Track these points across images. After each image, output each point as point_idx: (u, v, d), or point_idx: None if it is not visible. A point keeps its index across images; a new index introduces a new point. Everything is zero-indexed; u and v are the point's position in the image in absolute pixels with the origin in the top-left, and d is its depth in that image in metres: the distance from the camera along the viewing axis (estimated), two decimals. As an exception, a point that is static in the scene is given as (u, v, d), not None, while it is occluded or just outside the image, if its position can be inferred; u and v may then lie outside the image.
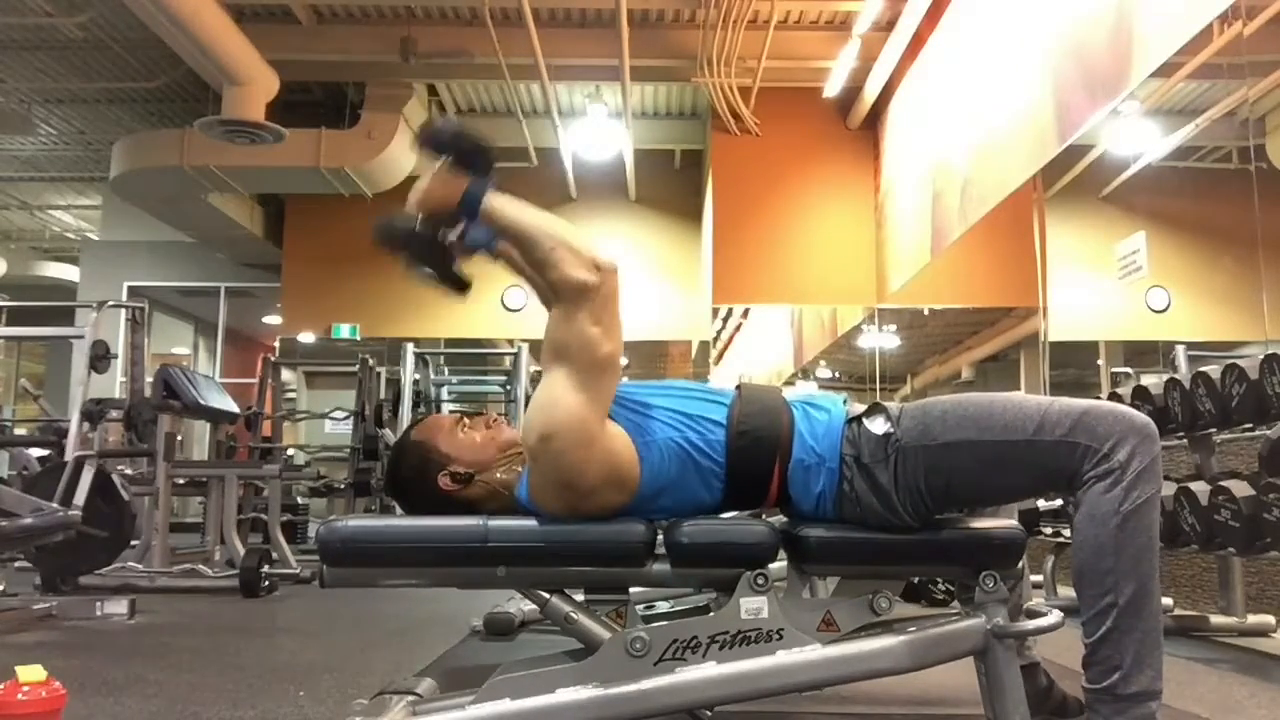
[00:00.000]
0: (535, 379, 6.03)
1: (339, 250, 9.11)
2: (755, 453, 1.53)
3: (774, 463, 1.53)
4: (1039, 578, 3.90)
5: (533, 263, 1.50)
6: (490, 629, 3.07)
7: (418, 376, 7.21)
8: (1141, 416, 1.46)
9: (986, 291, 8.01)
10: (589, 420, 1.46)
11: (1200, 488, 2.77)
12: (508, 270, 1.61)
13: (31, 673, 1.43)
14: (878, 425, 1.52)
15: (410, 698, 1.51)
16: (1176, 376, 3.10)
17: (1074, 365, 8.37)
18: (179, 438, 5.12)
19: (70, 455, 3.83)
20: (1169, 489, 2.82)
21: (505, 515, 1.54)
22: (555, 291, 1.47)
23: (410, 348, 6.92)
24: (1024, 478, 1.52)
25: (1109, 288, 6.82)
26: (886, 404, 1.56)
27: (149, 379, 4.89)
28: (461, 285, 1.57)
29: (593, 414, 1.46)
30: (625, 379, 1.62)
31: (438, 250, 1.52)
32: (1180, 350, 3.99)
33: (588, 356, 1.45)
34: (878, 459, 1.49)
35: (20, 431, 7.57)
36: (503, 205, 1.50)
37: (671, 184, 9.67)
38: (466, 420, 1.64)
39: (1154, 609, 1.42)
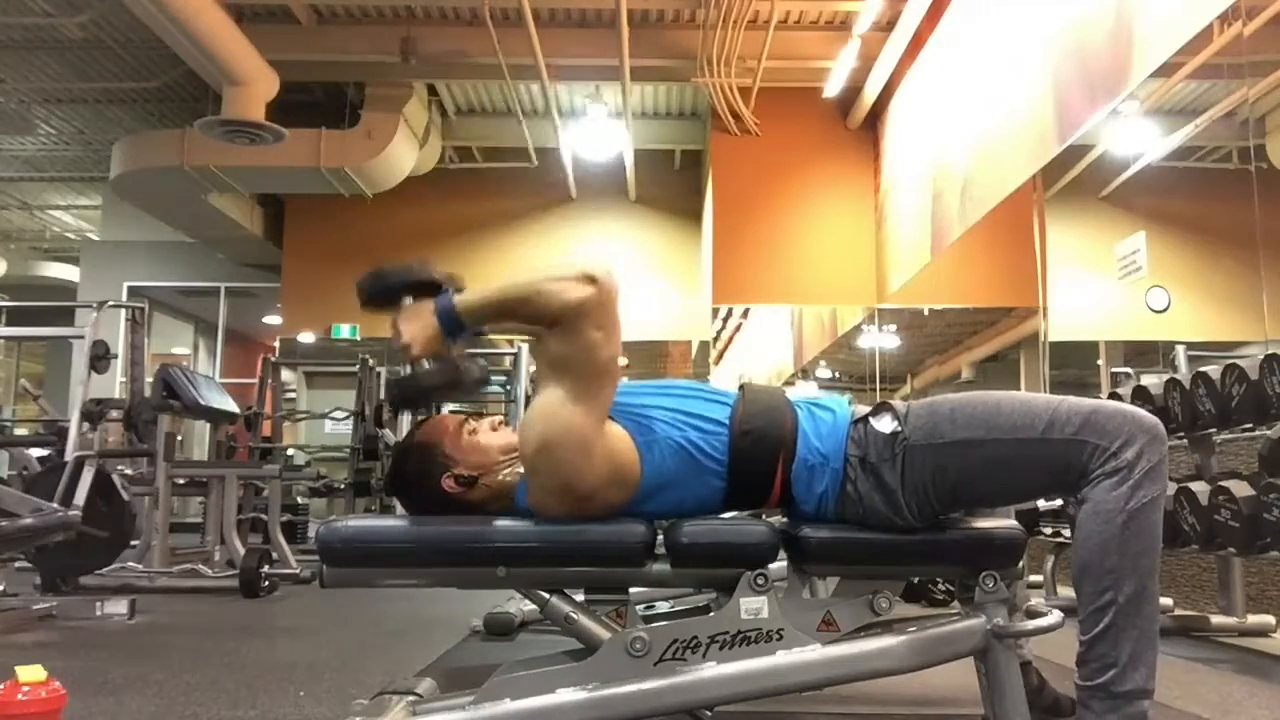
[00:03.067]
0: (534, 379, 6.02)
1: (339, 250, 9.12)
2: (758, 452, 1.53)
3: (777, 462, 1.53)
4: (1039, 578, 3.90)
5: (528, 317, 1.48)
6: (490, 629, 3.07)
7: (418, 377, 7.18)
8: (1150, 417, 1.46)
9: (986, 291, 8.01)
10: (587, 428, 1.46)
11: (1200, 488, 2.77)
12: (498, 331, 1.61)
13: (31, 673, 1.43)
14: (885, 424, 1.52)
15: (410, 698, 1.51)
16: (1176, 376, 3.10)
17: (1074, 365, 8.38)
18: (179, 438, 5.12)
19: (70, 455, 3.82)
20: (1169, 489, 2.82)
21: (507, 515, 1.54)
22: (560, 322, 1.45)
23: (410, 348, 6.91)
24: (1032, 477, 1.52)
25: (1109, 288, 6.82)
26: (893, 403, 1.56)
27: (149, 379, 4.89)
28: (484, 381, 1.59)
29: (591, 421, 1.46)
30: (625, 379, 1.63)
31: (454, 376, 1.52)
32: (1180, 350, 4.00)
33: (589, 363, 1.45)
34: (884, 458, 1.49)
35: (20, 431, 7.57)
36: (471, 299, 1.49)
37: (671, 184, 9.67)
38: (471, 422, 1.63)
39: (1152, 609, 1.42)
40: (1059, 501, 3.46)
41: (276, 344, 9.46)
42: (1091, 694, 1.42)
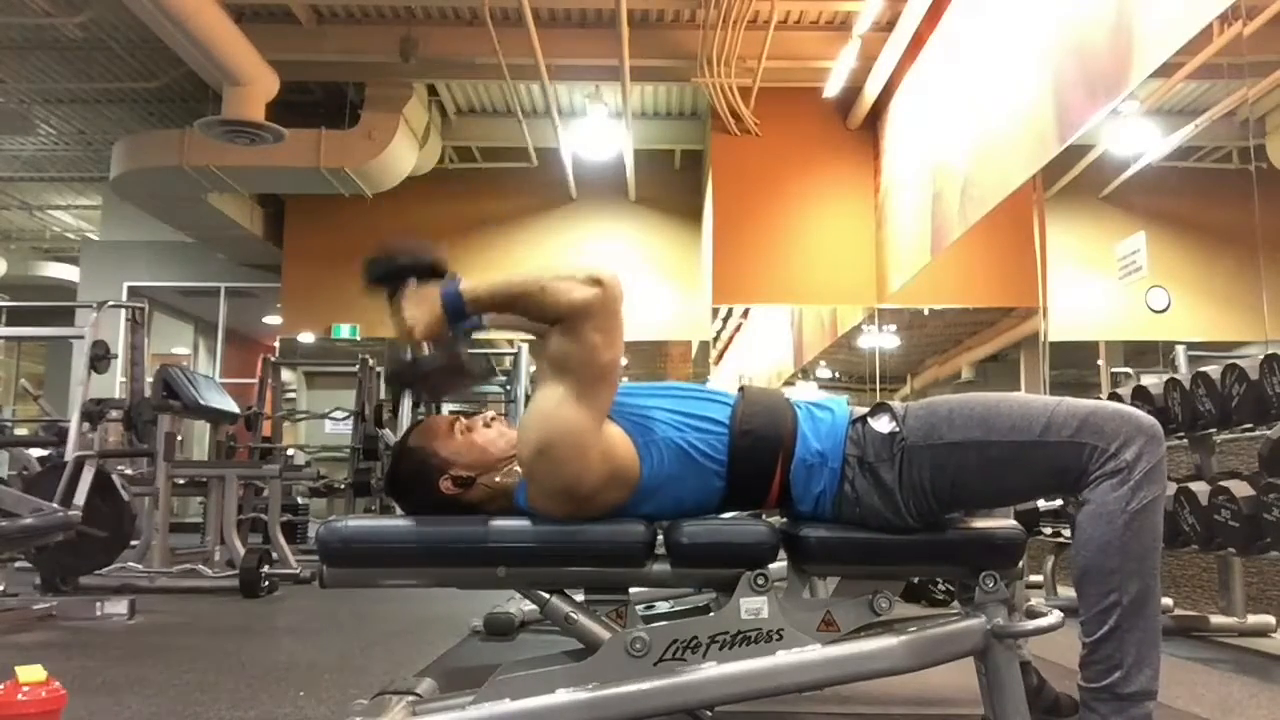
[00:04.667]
0: (534, 379, 6.02)
1: (339, 250, 9.10)
2: (758, 452, 1.53)
3: (776, 463, 1.53)
4: (1039, 578, 3.90)
5: (531, 312, 1.48)
6: (490, 629, 3.07)
7: (418, 377, 7.19)
8: (1148, 418, 1.46)
9: (986, 291, 8.01)
10: (586, 430, 1.46)
11: (1200, 488, 2.77)
12: (499, 328, 1.61)
13: (31, 673, 1.43)
14: (883, 424, 1.52)
15: (410, 698, 1.51)
16: (1176, 376, 3.10)
17: (1074, 365, 8.37)
18: (179, 438, 5.12)
19: (70, 455, 3.82)
20: (1169, 489, 2.82)
21: (505, 515, 1.54)
22: (563, 320, 1.45)
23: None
24: (1030, 478, 1.52)
25: (1109, 288, 6.81)
26: (892, 403, 1.56)
27: (149, 379, 4.89)
28: (486, 375, 1.58)
29: (590, 423, 1.46)
30: (625, 379, 1.63)
31: (455, 362, 1.52)
32: (1180, 350, 3.99)
33: (590, 365, 1.46)
34: (883, 458, 1.49)
35: (20, 431, 7.56)
36: (479, 287, 1.49)
37: (671, 184, 9.67)
38: (465, 421, 1.63)
39: (1154, 609, 1.42)
40: (1059, 501, 3.46)
41: (276, 344, 9.46)
42: (1096, 696, 1.42)
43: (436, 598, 3.80)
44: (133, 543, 4.56)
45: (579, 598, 1.54)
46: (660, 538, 1.53)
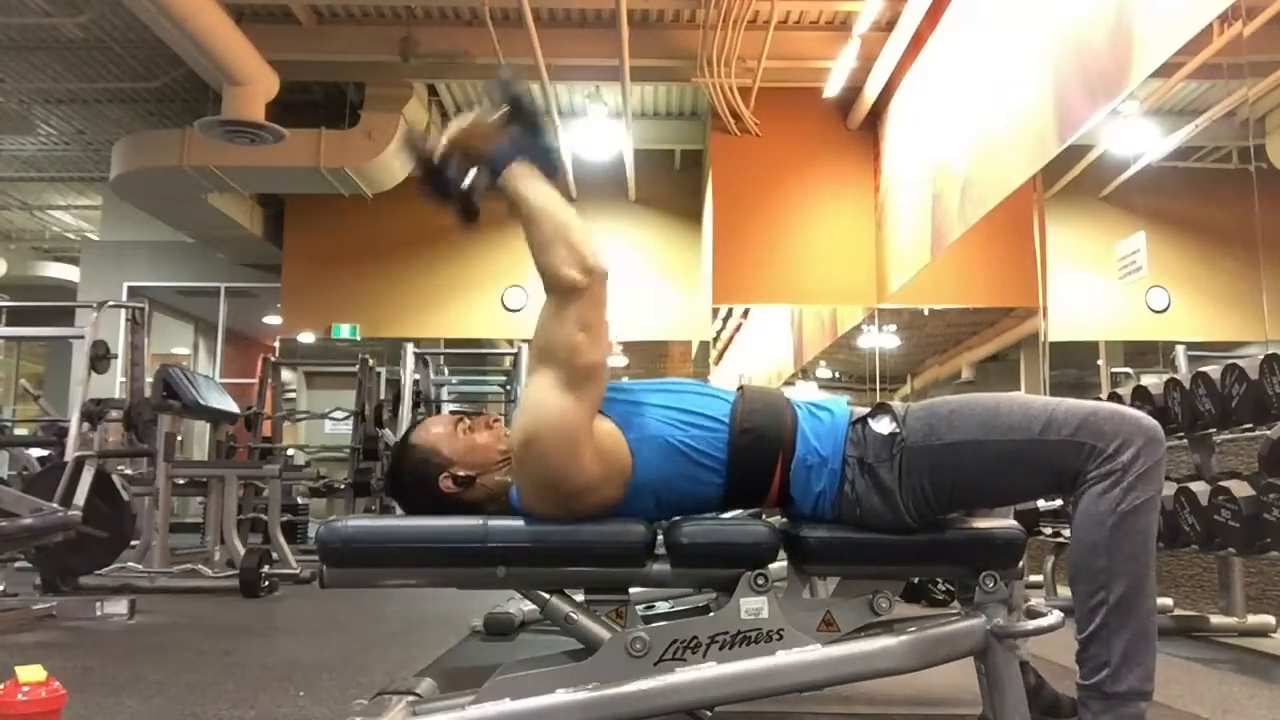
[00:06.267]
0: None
1: (339, 250, 9.12)
2: (757, 451, 1.53)
3: (776, 462, 1.53)
4: (1039, 578, 3.90)
5: (531, 242, 1.50)
6: (490, 629, 3.07)
7: (418, 377, 7.20)
8: (1148, 419, 1.46)
9: (986, 291, 8.01)
10: (574, 423, 1.45)
11: (1200, 488, 2.77)
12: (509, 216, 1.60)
13: (31, 673, 1.43)
14: (883, 425, 1.52)
15: (410, 698, 1.51)
16: (1176, 377, 3.10)
17: (1074, 365, 8.37)
18: (179, 438, 5.12)
19: (70, 455, 3.82)
20: (1169, 489, 2.82)
21: (505, 516, 1.54)
22: (544, 280, 1.48)
23: (410, 348, 6.91)
24: (1029, 478, 1.52)
25: (1109, 288, 6.82)
26: (892, 404, 1.56)
27: (149, 379, 4.89)
28: (471, 217, 1.57)
29: (578, 416, 1.46)
30: (625, 379, 1.62)
31: (454, 183, 1.53)
32: (1180, 350, 4.00)
33: (572, 364, 1.46)
34: (882, 459, 1.49)
35: (20, 431, 7.57)
36: (522, 177, 1.50)
37: (671, 184, 9.67)
38: (466, 421, 1.63)
39: (1146, 609, 1.42)
40: (1059, 501, 3.47)
41: (276, 344, 9.45)
42: (1088, 694, 1.43)
43: (436, 598, 3.80)
44: (133, 543, 4.56)
45: (579, 598, 1.54)
46: (660, 538, 1.53)
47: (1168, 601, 3.52)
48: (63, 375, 9.69)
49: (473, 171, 1.52)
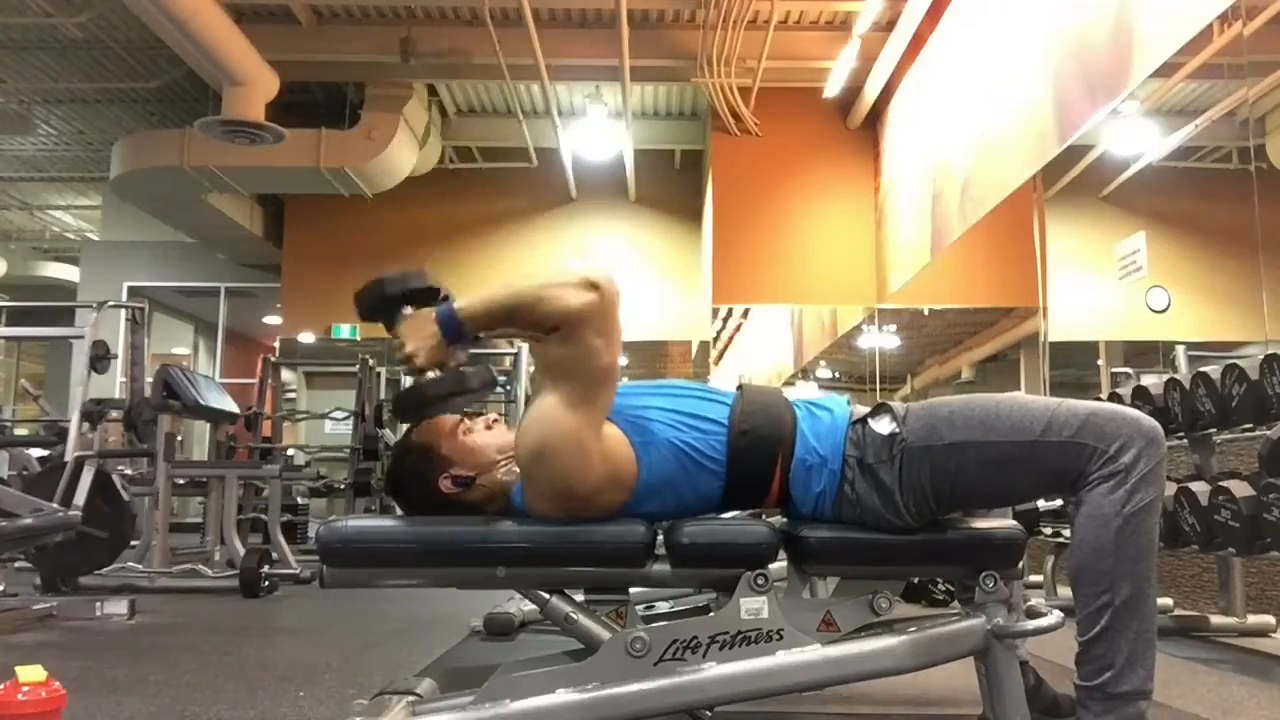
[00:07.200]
0: (534, 379, 6.02)
1: (339, 250, 9.11)
2: (757, 452, 1.53)
3: (775, 462, 1.53)
4: (1039, 578, 3.90)
5: (529, 323, 1.48)
6: (490, 629, 3.07)
7: (418, 377, 7.18)
8: (1149, 420, 1.46)
9: (986, 291, 8.01)
10: (585, 433, 1.45)
11: (1200, 488, 2.77)
12: (498, 339, 1.61)
13: (31, 673, 1.43)
14: (883, 425, 1.52)
15: (410, 698, 1.51)
16: (1176, 376, 3.10)
17: (1074, 365, 8.38)
18: (179, 438, 5.11)
19: (70, 455, 3.82)
20: (1169, 489, 2.82)
21: (505, 516, 1.54)
22: (561, 327, 1.44)
23: (410, 348, 6.91)
24: (1029, 479, 1.52)
25: (1109, 288, 6.82)
26: (892, 404, 1.56)
27: (149, 379, 4.89)
28: (491, 385, 1.59)
29: (588, 426, 1.46)
30: (625, 379, 1.62)
31: (459, 384, 1.53)
32: (1180, 350, 3.99)
33: (588, 369, 1.45)
34: (882, 459, 1.49)
35: (20, 431, 7.56)
36: (474, 305, 1.49)
37: (671, 184, 9.67)
38: (466, 421, 1.63)
39: (1149, 610, 1.42)
40: (1059, 501, 3.46)
41: (276, 344, 9.45)
42: (1090, 694, 1.42)
43: (436, 598, 3.80)
44: (133, 543, 4.56)
45: (579, 598, 1.53)
46: (660, 538, 1.53)
47: (1168, 601, 3.52)
48: (63, 375, 9.68)
49: (458, 353, 1.52)
